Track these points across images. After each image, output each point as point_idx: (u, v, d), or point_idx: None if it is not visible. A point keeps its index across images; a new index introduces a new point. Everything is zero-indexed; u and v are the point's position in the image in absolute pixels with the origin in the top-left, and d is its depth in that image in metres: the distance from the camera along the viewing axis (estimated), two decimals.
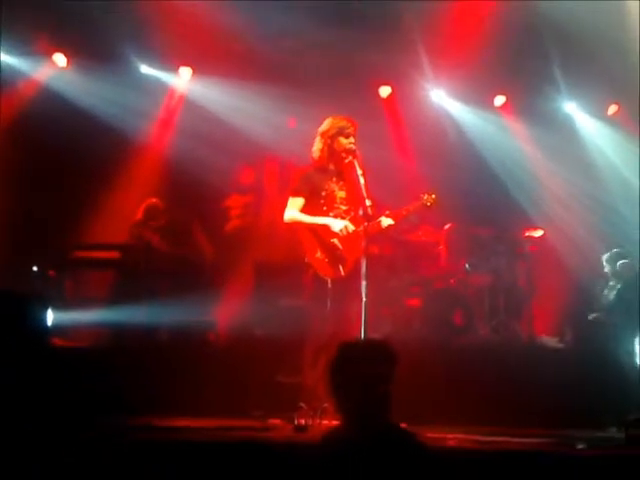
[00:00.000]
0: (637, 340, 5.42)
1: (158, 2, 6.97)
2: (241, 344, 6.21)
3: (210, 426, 4.63)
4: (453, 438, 4.42)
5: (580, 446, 4.24)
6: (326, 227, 4.92)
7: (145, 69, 8.04)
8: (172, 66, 8.08)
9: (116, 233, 7.37)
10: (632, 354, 5.18)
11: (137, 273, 6.63)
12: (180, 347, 6.04)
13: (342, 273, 4.88)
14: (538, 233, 8.04)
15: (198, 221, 7.46)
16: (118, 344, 6.20)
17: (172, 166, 7.82)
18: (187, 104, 8.17)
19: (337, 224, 4.90)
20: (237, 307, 6.69)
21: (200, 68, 8.04)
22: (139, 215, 7.09)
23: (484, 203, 8.21)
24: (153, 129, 8.02)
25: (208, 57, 7.67)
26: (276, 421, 4.95)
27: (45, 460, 3.53)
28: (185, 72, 8.12)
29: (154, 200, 7.19)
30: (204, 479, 3.55)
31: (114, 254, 6.93)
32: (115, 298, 6.51)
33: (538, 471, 3.78)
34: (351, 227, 4.89)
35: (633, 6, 7.50)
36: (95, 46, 7.52)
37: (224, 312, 6.69)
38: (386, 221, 4.95)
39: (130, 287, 6.52)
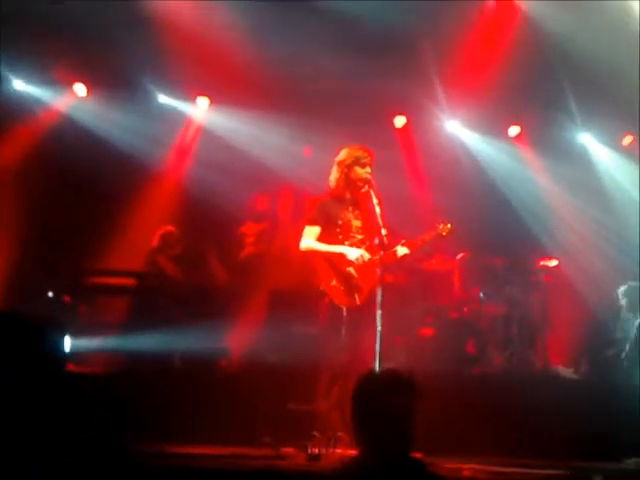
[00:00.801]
0: None
1: (176, 32, 7.08)
2: (254, 371, 6.20)
3: (223, 454, 4.62)
4: (468, 469, 4.38)
5: (597, 478, 4.18)
6: (342, 256, 4.94)
7: (163, 99, 8.18)
8: (189, 96, 8.20)
9: (132, 260, 7.44)
10: None
11: (151, 300, 6.67)
12: (193, 374, 6.05)
13: (357, 302, 4.88)
14: (553, 263, 8.02)
15: (213, 248, 7.51)
16: (131, 371, 6.21)
17: (188, 194, 7.91)
18: (204, 133, 8.29)
19: (353, 253, 4.92)
20: (250, 334, 6.69)
21: (217, 97, 8.16)
22: (155, 242, 7.15)
23: (498, 232, 8.20)
24: (170, 157, 8.13)
25: (225, 86, 7.78)
26: (289, 449, 4.92)
27: None
28: (202, 102, 8.24)
29: (170, 228, 7.26)
30: None
31: (129, 281, 6.98)
32: (129, 325, 6.54)
33: None
34: (367, 256, 4.91)
35: None
36: (114, 76, 7.67)
37: (237, 339, 6.69)
38: (402, 250, 4.97)
39: (144, 314, 6.55)
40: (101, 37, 6.98)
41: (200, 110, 8.32)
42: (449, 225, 5.13)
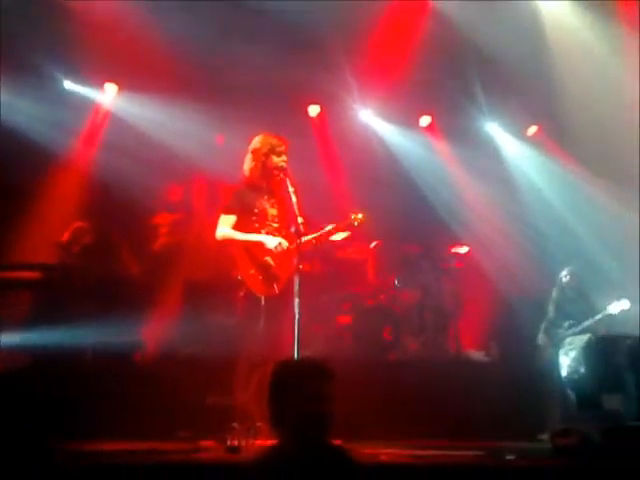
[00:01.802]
0: (561, 352, 5.62)
1: (82, 18, 6.84)
2: (170, 364, 6.09)
3: (139, 449, 4.50)
4: (386, 453, 4.45)
5: (509, 457, 4.33)
6: (260, 244, 4.91)
7: (69, 85, 7.86)
8: (97, 82, 7.92)
9: (39, 252, 7.12)
10: (557, 366, 5.35)
11: (62, 293, 6.41)
12: (106, 369, 5.86)
13: (276, 291, 4.87)
14: (463, 250, 8.26)
15: (125, 240, 7.30)
16: (39, 367, 5.96)
17: (98, 184, 7.63)
18: (113, 121, 8.02)
19: (272, 241, 4.90)
20: (166, 326, 6.55)
21: (127, 84, 7.91)
22: (65, 236, 6.88)
23: (411, 221, 8.36)
24: (78, 146, 7.82)
25: (135, 73, 7.56)
26: (208, 442, 4.86)
27: None
28: (110, 88, 7.98)
29: (81, 224, 7.00)
30: None
31: (36, 274, 6.67)
32: (38, 319, 6.25)
33: None
34: (285, 244, 4.89)
35: (554, 34, 7.86)
36: (18, 62, 7.28)
37: (152, 332, 6.54)
38: (313, 239, 4.97)
39: (54, 308, 6.28)
40: (4, 23, 6.64)
41: (108, 97, 8.05)
42: (360, 215, 5.17)
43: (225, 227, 4.93)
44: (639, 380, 4.42)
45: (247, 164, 5.07)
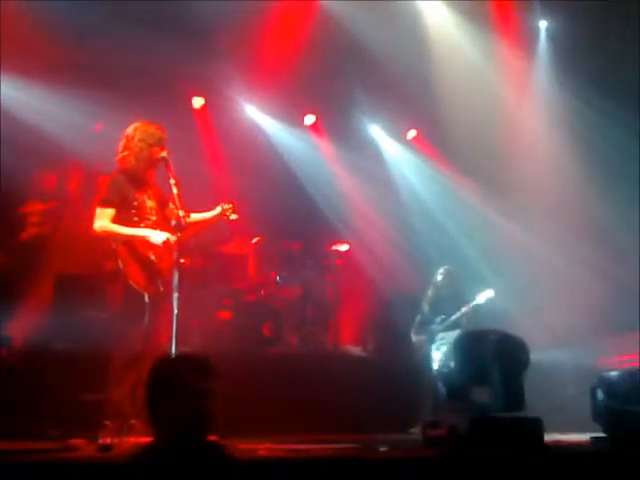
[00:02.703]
0: (433, 347, 5.83)
1: None
2: (39, 360, 5.78)
3: (6, 449, 4.24)
4: (264, 448, 4.45)
5: (382, 449, 4.45)
6: (143, 240, 4.74)
7: None
8: None
9: None
10: (429, 360, 5.56)
11: None
12: None
13: (161, 289, 4.73)
14: (344, 247, 8.43)
15: None
16: None
17: None
18: None
19: (159, 236, 4.73)
20: (35, 321, 6.23)
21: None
22: None
23: (293, 218, 8.43)
24: None
25: (10, 53, 7.13)
26: (78, 441, 4.65)
27: None
28: None
29: None
30: None
31: None
32: None
33: (344, 476, 3.91)
34: (173, 239, 4.71)
35: (435, 38, 8.17)
36: None
37: (20, 327, 6.20)
38: (187, 230, 4.87)
39: None
40: None
41: None
42: (230, 205, 5.11)
43: (104, 220, 4.70)
44: (504, 373, 4.66)
45: (125, 153, 4.86)
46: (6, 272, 6.72)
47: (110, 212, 4.72)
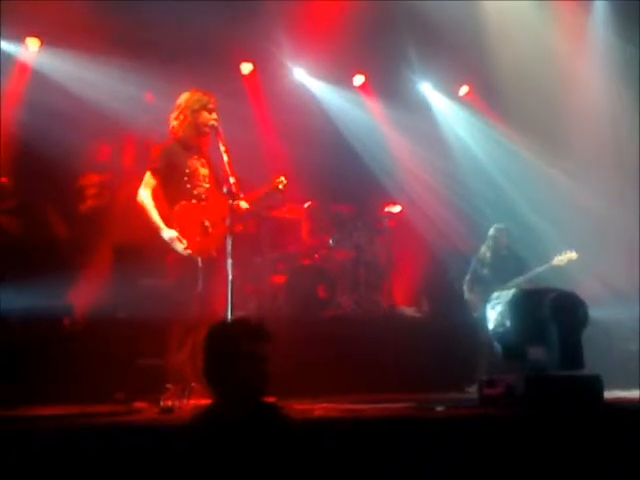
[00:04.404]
0: (488, 306, 5.77)
1: None
2: (100, 328, 5.99)
3: (73, 413, 4.44)
4: (320, 408, 4.52)
5: (439, 408, 4.46)
6: (198, 205, 4.81)
7: None
8: (17, 36, 7.55)
9: None
10: (485, 319, 5.51)
11: None
12: (34, 333, 5.73)
13: (214, 254, 4.80)
14: (396, 209, 8.38)
15: (51, 201, 7.07)
16: None
17: (22, 143, 7.31)
18: (36, 78, 7.67)
19: (166, 233, 4.73)
20: (96, 290, 6.43)
21: (50, 40, 7.57)
22: None
23: (345, 180, 8.39)
24: (0, 104, 7.46)
25: (59, 28, 7.24)
26: (141, 404, 4.83)
27: None
28: (32, 43, 7.62)
29: (3, 179, 6.72)
30: (71, 467, 3.41)
31: None
32: None
33: (400, 435, 3.95)
34: (179, 246, 4.72)
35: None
36: None
37: (82, 295, 6.41)
38: (243, 204, 4.93)
39: None
40: None
41: (30, 52, 7.69)
42: (282, 178, 5.12)
43: (147, 189, 4.80)
44: (561, 332, 4.59)
45: (176, 122, 4.94)
46: (67, 243, 6.94)
47: (153, 181, 4.80)
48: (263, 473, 2.75)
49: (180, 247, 4.72)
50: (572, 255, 6.58)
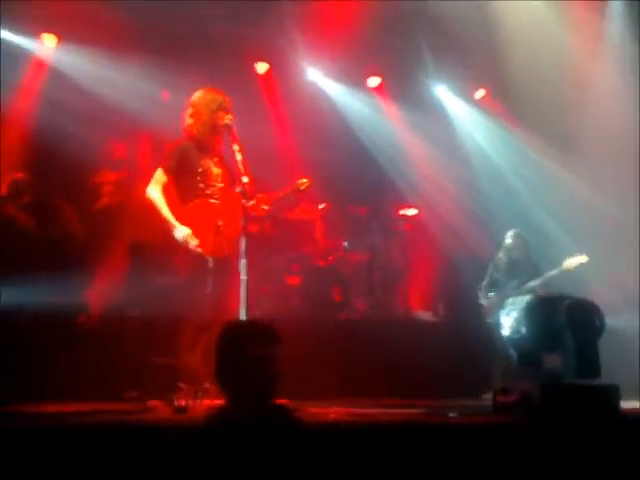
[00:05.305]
0: (503, 312, 5.73)
1: None
2: (115, 326, 5.99)
3: (85, 410, 4.43)
4: (333, 412, 4.49)
5: (452, 415, 4.42)
6: (212, 204, 4.80)
7: (5, 34, 7.49)
8: (34, 32, 7.58)
9: None
10: (500, 325, 5.47)
11: (1, 252, 6.20)
12: (48, 330, 5.74)
13: (226, 252, 4.79)
14: (412, 212, 8.34)
15: (67, 198, 7.08)
16: None
17: (37, 140, 7.34)
18: (53, 74, 7.69)
19: (179, 231, 4.72)
20: (110, 288, 6.43)
21: (66, 35, 7.59)
22: (3, 191, 6.62)
23: (360, 182, 8.37)
24: (16, 99, 7.48)
25: (75, 23, 7.25)
26: (154, 402, 4.82)
27: None
28: (49, 39, 7.65)
29: (19, 175, 6.74)
30: (82, 465, 3.40)
31: None
32: None
33: (413, 441, 3.92)
34: (193, 242, 4.70)
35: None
36: None
37: (96, 293, 6.42)
38: (264, 205, 4.92)
39: None
40: None
41: (46, 48, 7.71)
42: (306, 180, 5.14)
43: (155, 186, 4.78)
44: (576, 339, 4.54)
45: (190, 119, 4.92)
46: (82, 240, 6.94)
47: (164, 179, 4.79)
48: (273, 475, 2.73)
49: (193, 245, 4.69)
50: (582, 258, 6.51)
